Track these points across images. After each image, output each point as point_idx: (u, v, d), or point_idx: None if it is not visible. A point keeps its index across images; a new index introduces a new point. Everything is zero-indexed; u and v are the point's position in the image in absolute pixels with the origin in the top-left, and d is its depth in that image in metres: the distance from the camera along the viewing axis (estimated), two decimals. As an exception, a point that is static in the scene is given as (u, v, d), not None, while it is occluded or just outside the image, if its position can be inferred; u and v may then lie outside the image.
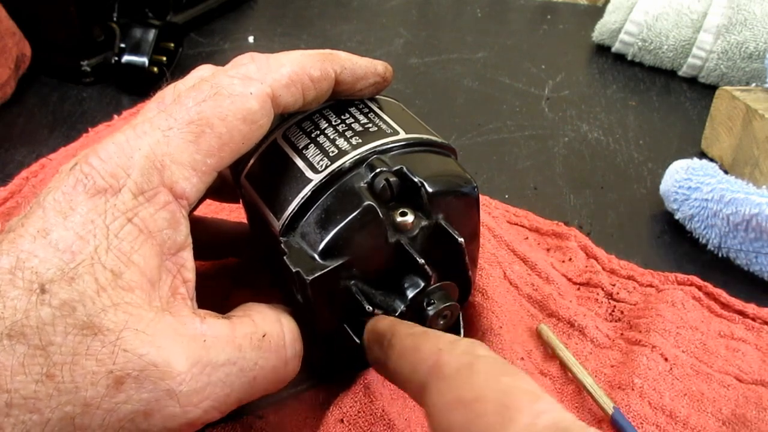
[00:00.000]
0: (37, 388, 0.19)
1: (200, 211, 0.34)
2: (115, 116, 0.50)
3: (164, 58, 0.56)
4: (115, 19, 0.55)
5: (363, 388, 0.28)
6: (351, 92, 0.28)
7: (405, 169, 0.25)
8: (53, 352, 0.19)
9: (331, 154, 0.26)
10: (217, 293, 0.34)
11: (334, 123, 0.27)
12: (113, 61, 0.54)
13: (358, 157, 0.26)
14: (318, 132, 0.27)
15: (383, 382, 0.29)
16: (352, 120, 0.27)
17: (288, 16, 0.73)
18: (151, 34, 0.54)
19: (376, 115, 0.28)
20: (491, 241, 0.37)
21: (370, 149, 0.26)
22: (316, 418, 0.28)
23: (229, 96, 0.24)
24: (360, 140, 0.26)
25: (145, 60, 0.53)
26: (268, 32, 0.70)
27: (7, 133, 0.50)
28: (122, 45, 0.54)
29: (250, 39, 0.68)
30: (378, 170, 0.25)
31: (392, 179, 0.25)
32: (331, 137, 0.27)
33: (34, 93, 0.55)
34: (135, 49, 0.54)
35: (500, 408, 0.17)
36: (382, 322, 0.24)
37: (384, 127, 0.27)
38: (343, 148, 0.26)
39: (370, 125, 0.27)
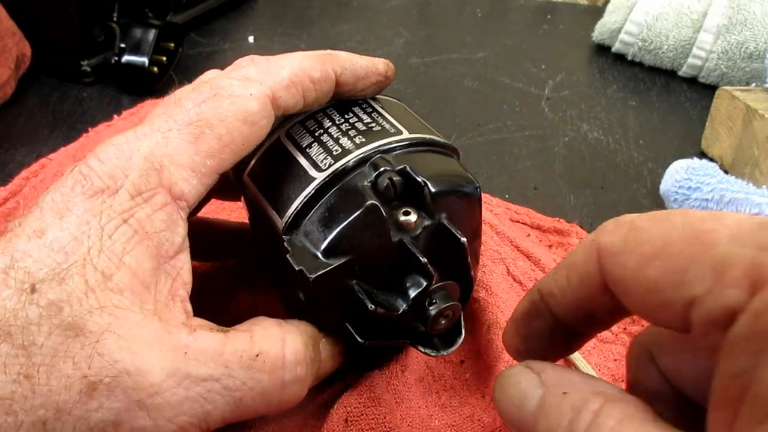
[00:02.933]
0: (14, 389, 0.19)
1: (200, 211, 0.33)
2: (115, 116, 0.50)
3: (164, 58, 0.56)
4: (115, 19, 0.55)
5: (367, 390, 0.28)
6: (353, 92, 0.28)
7: (408, 168, 0.25)
8: (34, 353, 0.19)
9: (334, 153, 0.26)
10: (217, 293, 0.34)
11: (337, 122, 0.27)
12: (113, 61, 0.54)
13: (361, 156, 0.26)
14: (321, 131, 0.27)
15: (387, 386, 0.29)
16: (356, 119, 0.27)
17: (288, 16, 0.73)
18: (151, 34, 0.54)
19: (380, 114, 0.28)
20: (494, 238, 0.37)
21: (373, 148, 0.26)
22: (318, 418, 0.28)
23: (228, 97, 0.24)
24: (363, 139, 0.26)
25: (145, 60, 0.53)
26: (268, 32, 0.69)
27: (7, 133, 0.50)
28: (122, 45, 0.54)
29: (250, 39, 0.68)
30: (381, 169, 0.25)
31: (395, 178, 0.25)
32: (335, 136, 0.27)
33: (34, 93, 0.55)
34: (135, 49, 0.54)
35: None
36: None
37: (387, 126, 0.27)
38: (346, 147, 0.26)
39: (373, 124, 0.27)
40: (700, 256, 0.15)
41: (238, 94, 0.24)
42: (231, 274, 0.36)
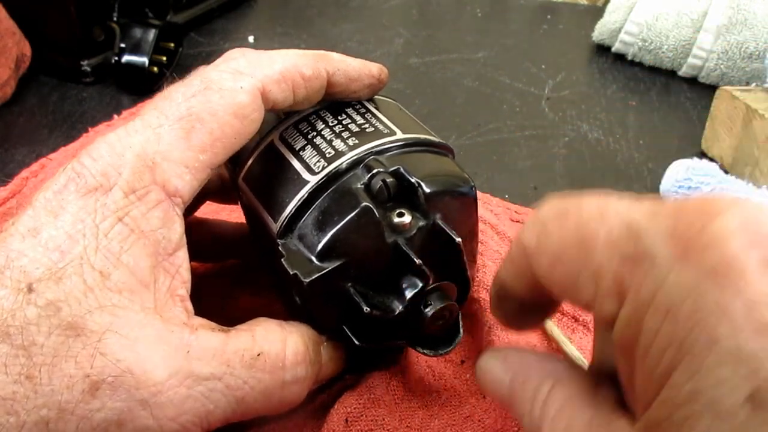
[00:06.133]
0: (16, 389, 0.19)
1: (199, 212, 0.34)
2: (115, 116, 0.50)
3: (164, 58, 0.56)
4: (115, 19, 0.55)
5: (367, 391, 0.28)
6: (345, 94, 0.28)
7: (402, 169, 0.25)
8: (35, 353, 0.19)
9: (327, 156, 0.26)
10: (217, 293, 0.34)
11: (330, 124, 0.27)
12: (113, 61, 0.54)
13: (354, 158, 0.25)
14: (315, 133, 0.27)
15: (387, 387, 0.29)
16: (349, 120, 0.27)
17: (288, 16, 0.73)
18: (151, 34, 0.54)
19: (373, 115, 0.28)
20: (494, 239, 0.37)
21: (366, 150, 0.26)
22: (318, 419, 0.28)
23: (218, 90, 0.24)
24: (357, 141, 0.26)
25: (145, 60, 0.53)
26: (268, 32, 0.69)
27: (7, 133, 0.50)
28: (122, 45, 0.54)
29: (250, 39, 0.68)
30: (375, 171, 0.25)
31: (389, 180, 0.25)
32: (328, 138, 0.27)
33: (34, 93, 0.55)
34: (135, 49, 0.54)
35: None
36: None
37: (381, 127, 0.27)
38: (339, 149, 0.26)
39: (366, 126, 0.27)
40: (584, 264, 0.17)
41: (228, 88, 0.24)
42: (231, 274, 0.36)
